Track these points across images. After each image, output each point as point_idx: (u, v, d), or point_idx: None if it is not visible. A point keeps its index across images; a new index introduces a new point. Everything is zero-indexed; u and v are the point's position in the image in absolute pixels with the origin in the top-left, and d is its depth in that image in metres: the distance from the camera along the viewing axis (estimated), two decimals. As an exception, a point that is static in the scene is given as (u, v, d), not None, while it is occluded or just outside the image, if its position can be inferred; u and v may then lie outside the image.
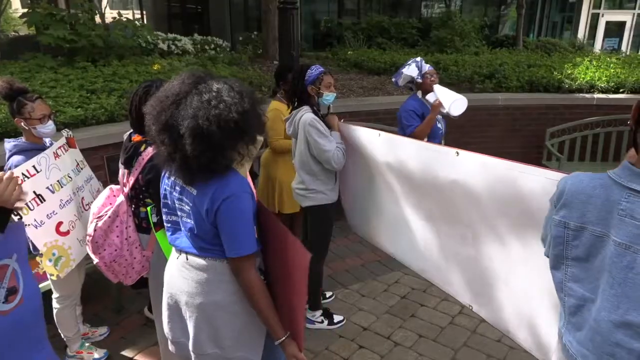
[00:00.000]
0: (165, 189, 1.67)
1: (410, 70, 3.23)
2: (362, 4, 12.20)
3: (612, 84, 5.77)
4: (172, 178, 1.62)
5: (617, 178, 1.06)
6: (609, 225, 1.06)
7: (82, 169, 2.60)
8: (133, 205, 2.17)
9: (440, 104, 3.17)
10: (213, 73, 1.62)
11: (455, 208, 2.00)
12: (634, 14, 15.69)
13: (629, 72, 6.13)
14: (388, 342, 2.86)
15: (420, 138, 3.27)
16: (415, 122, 3.24)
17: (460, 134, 5.46)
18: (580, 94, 5.66)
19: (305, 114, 2.61)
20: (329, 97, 2.71)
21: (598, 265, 1.09)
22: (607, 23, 15.17)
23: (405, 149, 2.21)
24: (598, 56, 7.63)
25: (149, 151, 2.03)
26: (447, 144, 3.86)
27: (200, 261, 1.60)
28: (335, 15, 11.79)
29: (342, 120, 2.76)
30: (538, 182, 1.54)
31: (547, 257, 1.25)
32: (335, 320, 3.01)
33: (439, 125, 3.37)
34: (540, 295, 1.68)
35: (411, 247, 2.43)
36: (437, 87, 3.25)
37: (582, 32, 14.34)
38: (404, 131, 3.36)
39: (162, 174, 1.69)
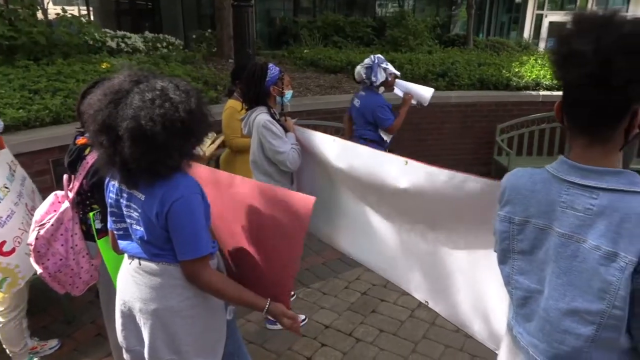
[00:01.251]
0: (110, 196, 1.60)
1: (392, 68, 3.59)
2: (317, 3, 12.24)
3: (556, 81, 6.07)
4: (117, 184, 1.55)
5: (555, 172, 1.10)
6: (552, 218, 1.09)
7: (15, 171, 2.40)
8: (80, 212, 2.07)
9: (411, 97, 3.49)
10: (156, 72, 1.56)
11: (411, 209, 2.05)
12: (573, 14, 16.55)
13: (571, 70, 6.47)
14: (350, 339, 2.88)
15: (396, 129, 3.63)
16: (391, 115, 3.59)
17: (417, 131, 5.59)
18: (527, 92, 5.92)
19: (260, 115, 2.58)
20: (288, 94, 2.71)
21: (542, 257, 1.12)
22: (550, 23, 15.95)
23: (358, 156, 2.23)
24: (542, 55, 8.00)
25: (94, 155, 1.94)
26: (406, 142, 3.98)
27: (153, 266, 1.55)
28: (291, 13, 11.75)
29: (296, 119, 2.75)
30: (483, 184, 1.62)
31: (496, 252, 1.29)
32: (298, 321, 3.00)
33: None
34: (491, 289, 1.75)
35: (369, 246, 2.45)
36: (400, 82, 3.53)
37: (527, 32, 15.01)
38: (380, 125, 3.61)
39: (106, 179, 1.62)
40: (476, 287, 1.85)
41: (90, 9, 9.93)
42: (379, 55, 3.65)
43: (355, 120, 3.80)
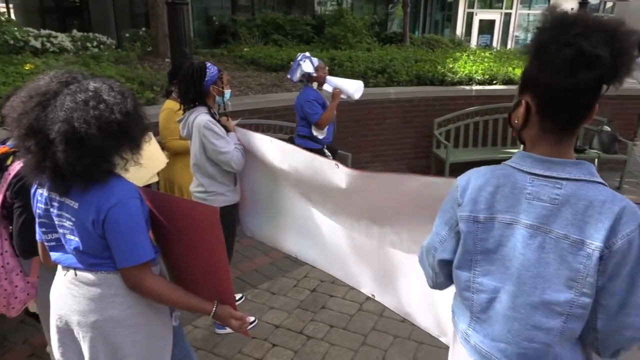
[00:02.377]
0: (39, 206, 1.50)
1: (307, 66, 3.60)
2: (256, 1, 12.11)
3: (487, 76, 6.39)
4: (46, 192, 1.46)
5: (518, 166, 1.11)
6: (518, 211, 1.10)
7: None
8: (10, 227, 1.92)
9: (340, 92, 3.56)
10: (85, 73, 1.49)
11: (355, 206, 2.09)
12: (501, 13, 17.52)
13: (500, 65, 6.83)
14: (301, 337, 2.89)
15: (325, 124, 3.66)
16: (319, 110, 3.61)
17: (359, 127, 5.68)
18: (461, 86, 6.18)
19: (200, 116, 2.51)
20: (227, 94, 2.67)
21: (509, 253, 1.12)
22: (481, 21, 16.76)
23: (295, 158, 2.24)
24: (474, 51, 8.39)
25: (15, 166, 1.80)
26: (349, 138, 4.04)
27: (91, 276, 1.47)
28: (229, 11, 11.56)
29: (239, 120, 2.72)
30: (424, 181, 1.66)
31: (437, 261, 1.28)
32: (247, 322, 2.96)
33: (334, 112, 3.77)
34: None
35: (314, 244, 2.47)
36: (330, 78, 3.62)
37: (460, 29, 15.70)
38: (309, 120, 3.64)
39: (33, 188, 1.51)
40: (420, 278, 1.91)
41: (10, 6, 9.25)
42: (305, 53, 3.71)
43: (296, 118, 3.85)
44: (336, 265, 2.39)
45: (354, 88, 3.63)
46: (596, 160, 6.03)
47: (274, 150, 2.39)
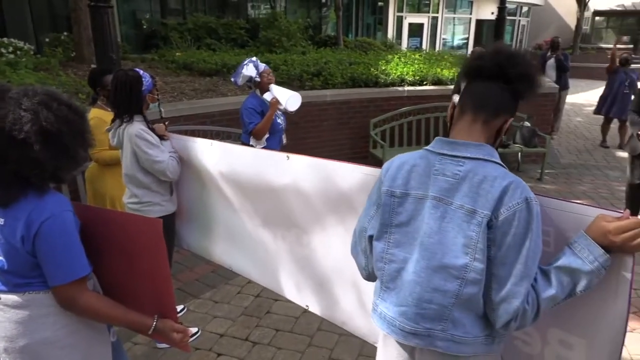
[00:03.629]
0: None
1: (249, 70, 3.45)
2: (187, 4, 11.80)
3: (417, 77, 6.66)
4: None
5: (432, 148, 1.27)
6: (428, 186, 1.23)
7: None
8: None
9: (277, 102, 3.46)
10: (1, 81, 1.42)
11: (290, 210, 2.07)
12: (429, 16, 18.31)
13: (429, 67, 7.14)
14: (246, 344, 2.86)
15: (260, 134, 3.51)
16: (255, 119, 3.46)
17: (297, 130, 5.70)
18: (394, 87, 6.40)
19: (131, 125, 2.42)
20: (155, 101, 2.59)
21: (418, 226, 1.24)
22: (410, 24, 17.41)
23: (239, 157, 2.21)
24: (405, 53, 8.71)
25: None
26: (287, 141, 4.04)
27: (16, 298, 1.38)
28: (159, 15, 11.18)
29: (167, 123, 2.63)
30: (358, 177, 1.70)
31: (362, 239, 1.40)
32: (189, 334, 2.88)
33: (279, 121, 3.66)
34: (367, 286, 1.84)
35: (247, 256, 2.44)
36: (273, 86, 3.50)
37: (391, 32, 16.20)
38: (245, 128, 3.48)
39: None
40: (352, 283, 1.93)
41: None
42: (252, 58, 3.59)
43: None
44: (269, 277, 2.36)
45: (285, 99, 3.45)
46: (519, 153, 6.48)
47: (214, 153, 2.34)
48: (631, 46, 17.30)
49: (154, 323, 1.49)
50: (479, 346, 1.21)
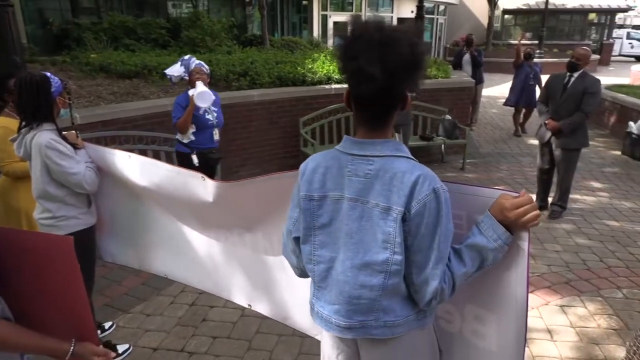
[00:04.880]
0: None
1: (175, 68, 3.65)
2: (101, 3, 11.13)
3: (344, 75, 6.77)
4: None
5: (342, 149, 1.28)
6: (343, 188, 1.25)
7: None
8: None
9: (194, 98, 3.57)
10: None
11: (224, 217, 2.04)
12: (352, 15, 18.65)
13: (354, 64, 7.28)
14: (182, 355, 2.76)
15: (182, 128, 3.65)
16: (179, 113, 3.64)
17: (225, 131, 5.57)
18: (321, 86, 6.46)
19: (39, 134, 2.21)
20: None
21: (339, 225, 1.27)
22: (335, 23, 17.66)
23: (157, 172, 2.12)
24: (331, 52, 8.81)
25: None
26: (220, 140, 3.98)
27: None
28: (70, 14, 10.44)
29: (77, 132, 2.44)
30: (284, 182, 1.69)
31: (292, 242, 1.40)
32: (120, 351, 2.73)
33: (208, 117, 3.77)
34: (304, 281, 1.86)
35: (184, 261, 2.37)
36: (198, 84, 3.56)
37: (316, 31, 16.34)
38: (173, 122, 3.69)
39: None
40: (291, 280, 1.94)
41: None
42: (188, 56, 3.75)
43: None
44: (209, 280, 2.32)
45: (196, 92, 3.51)
46: (443, 145, 6.80)
47: (133, 166, 2.23)
48: (536, 42, 18.74)
49: (72, 348, 1.39)
50: (411, 323, 1.30)
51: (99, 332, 2.86)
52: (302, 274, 1.46)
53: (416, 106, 6.51)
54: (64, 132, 2.33)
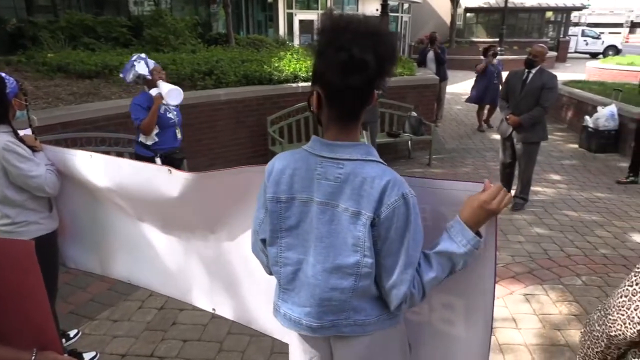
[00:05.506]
0: None
1: (140, 67, 3.51)
2: (57, 1, 10.73)
3: (310, 73, 6.77)
4: None
5: (311, 150, 1.25)
6: (312, 190, 1.24)
7: None
8: None
9: (160, 97, 3.53)
10: None
11: (189, 217, 2.00)
12: (318, 13, 18.70)
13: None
14: (152, 360, 2.71)
15: (147, 129, 3.56)
16: (141, 114, 3.53)
17: (191, 132, 5.50)
18: (288, 84, 6.45)
19: None
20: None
21: (307, 228, 1.26)
22: (301, 21, 17.64)
23: (121, 170, 2.06)
24: (297, 50, 8.80)
25: None
26: (183, 143, 3.90)
27: None
28: (24, 12, 10.01)
29: (36, 132, 2.36)
30: (250, 177, 1.67)
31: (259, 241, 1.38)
32: (86, 359, 2.65)
33: (170, 115, 3.72)
34: (268, 283, 1.85)
35: (147, 266, 2.31)
36: (160, 82, 3.50)
37: (282, 29, 16.28)
38: (134, 124, 3.57)
39: None
40: (255, 282, 1.92)
41: None
42: (140, 54, 3.60)
43: None
44: (172, 284, 2.27)
45: (165, 90, 3.49)
46: (409, 142, 6.92)
47: (95, 166, 2.16)
48: (497, 39, 19.26)
49: (33, 357, 1.34)
50: (382, 322, 1.31)
51: (63, 340, 2.77)
52: (272, 272, 1.46)
53: (383, 103, 6.59)
54: (23, 135, 2.24)
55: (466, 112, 10.53)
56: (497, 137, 5.42)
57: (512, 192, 5.16)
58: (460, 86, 14.25)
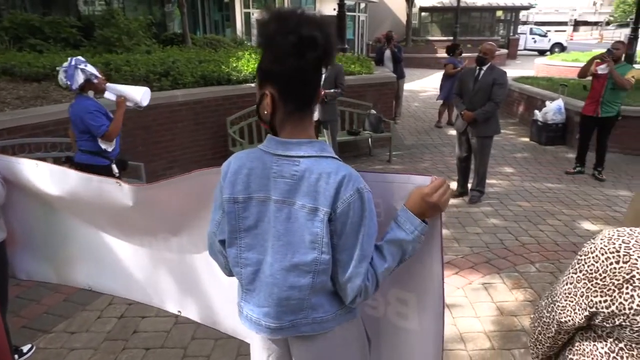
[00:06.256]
0: None
1: (89, 69, 3.28)
2: (1, 0, 10.18)
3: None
4: None
5: (266, 149, 1.25)
6: (269, 189, 1.24)
7: None
8: None
9: (124, 100, 3.41)
10: None
11: (148, 223, 1.96)
12: (276, 13, 18.56)
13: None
14: (113, 370, 2.63)
15: (114, 135, 3.41)
16: (104, 121, 3.33)
17: (148, 134, 5.37)
18: (247, 84, 6.40)
19: None
20: None
21: (266, 227, 1.26)
22: (258, 21, 17.49)
23: (70, 180, 1.98)
24: (255, 50, 8.74)
25: None
26: (140, 147, 3.77)
27: None
28: (-38, 12, 9.46)
29: None
30: (207, 180, 1.63)
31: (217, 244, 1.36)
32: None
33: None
34: (233, 284, 1.84)
35: (109, 271, 2.25)
36: (111, 85, 3.38)
37: (239, 29, 16.09)
38: (94, 133, 3.32)
39: None
40: (219, 283, 1.90)
41: None
42: (78, 57, 3.35)
43: (73, 131, 3.44)
44: (136, 289, 2.22)
45: (140, 94, 3.41)
46: (370, 139, 7.01)
47: (43, 176, 2.07)
48: (451, 38, 19.80)
49: None
50: (340, 317, 1.32)
51: (16, 356, 2.64)
52: (231, 274, 1.43)
53: (342, 102, 6.65)
54: None
55: (424, 109, 10.77)
56: (454, 132, 5.58)
57: (469, 185, 5.33)
58: (418, 84, 14.54)
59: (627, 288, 0.89)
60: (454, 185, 5.36)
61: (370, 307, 1.57)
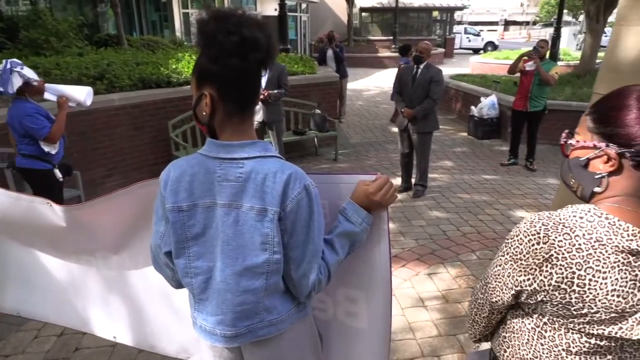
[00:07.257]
0: None
1: (26, 72, 3.18)
2: None
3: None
4: None
5: (207, 153, 1.22)
6: (214, 194, 1.21)
7: None
8: None
9: (66, 101, 3.33)
10: None
11: (85, 242, 1.86)
12: (216, 13, 18.23)
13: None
14: (54, 391, 2.49)
15: (57, 137, 3.31)
16: (45, 122, 3.25)
17: (85, 140, 5.11)
18: (188, 86, 6.23)
19: None
20: None
21: (214, 234, 1.23)
22: (197, 19, 17.09)
23: None
24: (195, 51, 8.54)
25: None
26: (76, 154, 3.61)
27: None
28: None
29: None
30: (145, 192, 1.58)
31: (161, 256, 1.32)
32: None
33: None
34: (177, 298, 1.79)
35: (38, 295, 2.11)
36: (50, 86, 3.28)
37: (179, 29, 15.66)
38: (36, 136, 3.23)
39: None
40: (157, 302, 1.85)
41: None
42: (13, 60, 3.21)
43: (13, 136, 3.32)
44: (69, 314, 2.09)
45: (84, 94, 3.31)
46: (316, 139, 7.06)
47: None
48: (391, 37, 20.35)
49: None
50: (293, 316, 1.33)
51: (-58, 386, 2.44)
52: (179, 285, 1.39)
53: (287, 102, 6.65)
54: None
55: (367, 108, 10.99)
56: (396, 129, 5.74)
57: (413, 180, 5.50)
58: (361, 83, 14.81)
59: (546, 266, 0.96)
60: (398, 181, 5.52)
61: (319, 310, 1.57)
